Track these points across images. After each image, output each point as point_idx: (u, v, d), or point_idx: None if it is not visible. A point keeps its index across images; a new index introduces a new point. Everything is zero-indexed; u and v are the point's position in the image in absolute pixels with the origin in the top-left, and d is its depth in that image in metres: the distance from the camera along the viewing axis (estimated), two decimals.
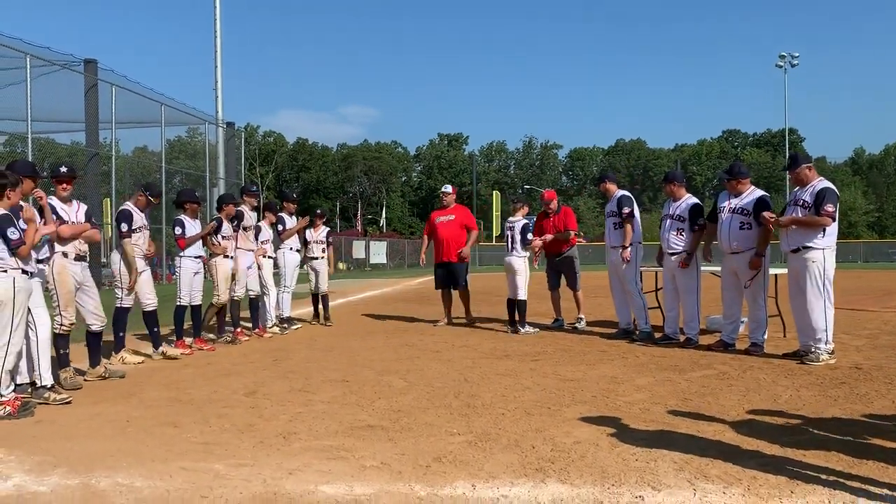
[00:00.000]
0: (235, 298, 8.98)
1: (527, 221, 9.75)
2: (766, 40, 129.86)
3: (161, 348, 7.62)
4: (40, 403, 5.23)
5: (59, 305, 5.97)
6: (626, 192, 8.92)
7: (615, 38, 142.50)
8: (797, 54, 48.81)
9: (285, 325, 10.08)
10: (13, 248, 4.97)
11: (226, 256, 8.63)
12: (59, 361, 5.99)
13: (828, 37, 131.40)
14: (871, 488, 3.30)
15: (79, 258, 6.15)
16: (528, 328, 9.41)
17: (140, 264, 7.29)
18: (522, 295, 9.42)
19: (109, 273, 8.19)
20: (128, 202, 7.55)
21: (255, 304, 9.42)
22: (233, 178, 22.67)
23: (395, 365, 7.02)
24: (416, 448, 4.07)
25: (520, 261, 9.49)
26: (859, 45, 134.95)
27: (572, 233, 10.00)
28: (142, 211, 7.47)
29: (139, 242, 7.32)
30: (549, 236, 9.94)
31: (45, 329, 5.47)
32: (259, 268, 9.44)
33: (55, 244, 5.91)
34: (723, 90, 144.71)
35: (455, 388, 5.77)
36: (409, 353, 7.86)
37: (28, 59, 13.93)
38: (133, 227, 7.22)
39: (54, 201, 6.00)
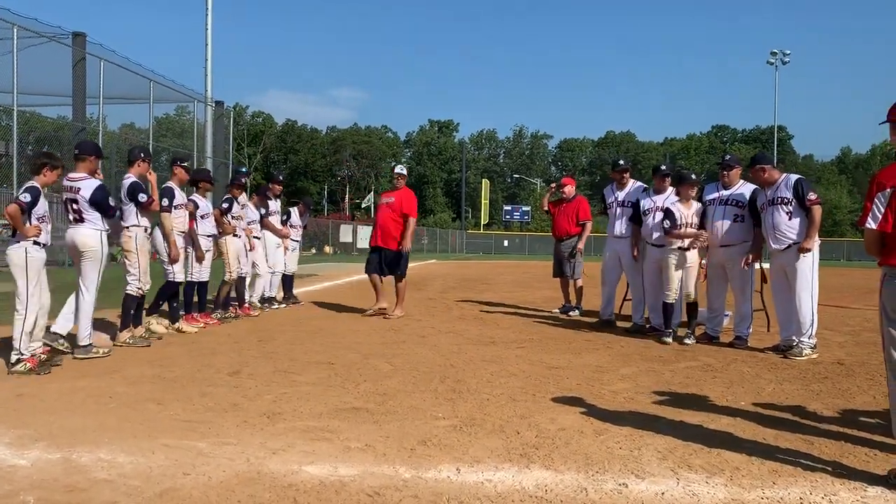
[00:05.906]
0: (242, 276, 9.25)
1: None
2: (759, 37, 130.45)
3: (178, 323, 7.82)
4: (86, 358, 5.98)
5: (138, 272, 6.74)
6: (646, 185, 8.99)
7: (607, 30, 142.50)
8: (788, 52, 48.82)
9: (266, 306, 10.12)
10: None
11: (235, 235, 8.79)
12: (134, 321, 6.93)
13: (820, 36, 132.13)
14: (852, 481, 3.33)
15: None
16: (689, 340, 7.44)
17: (179, 241, 7.53)
18: (671, 297, 7.52)
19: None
20: (171, 181, 7.73)
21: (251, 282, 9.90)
22: (220, 158, 22.47)
23: (381, 349, 7.01)
24: (400, 431, 4.06)
25: (665, 251, 7.60)
26: (850, 45, 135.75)
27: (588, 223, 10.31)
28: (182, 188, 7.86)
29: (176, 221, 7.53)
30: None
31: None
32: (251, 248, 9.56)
33: (138, 220, 6.68)
34: (713, 86, 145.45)
35: (440, 373, 5.77)
36: (395, 337, 7.85)
37: (15, 30, 13.75)
38: (176, 205, 7.49)
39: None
